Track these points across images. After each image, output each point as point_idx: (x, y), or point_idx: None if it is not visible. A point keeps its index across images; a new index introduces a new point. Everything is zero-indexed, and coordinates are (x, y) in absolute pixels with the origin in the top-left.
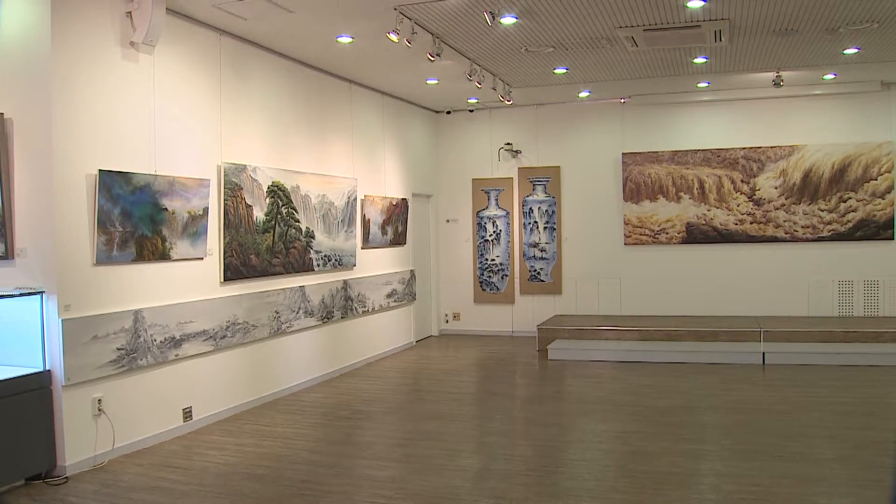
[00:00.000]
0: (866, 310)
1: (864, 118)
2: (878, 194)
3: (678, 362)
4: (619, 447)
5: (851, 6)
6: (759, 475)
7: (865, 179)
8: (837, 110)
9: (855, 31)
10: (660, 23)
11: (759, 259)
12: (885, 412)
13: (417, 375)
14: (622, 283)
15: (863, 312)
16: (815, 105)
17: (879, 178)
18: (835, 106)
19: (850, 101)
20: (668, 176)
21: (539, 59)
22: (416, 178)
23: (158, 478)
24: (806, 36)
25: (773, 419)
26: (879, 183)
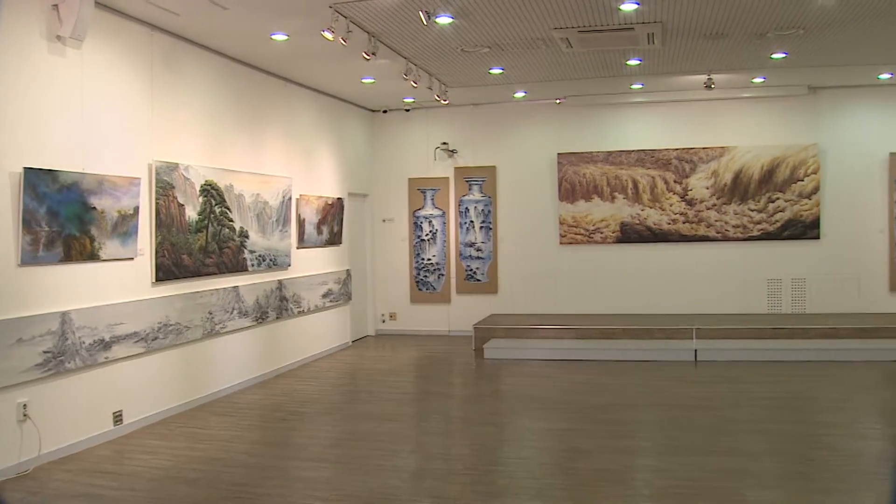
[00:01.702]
0: (794, 307)
1: (792, 121)
2: (805, 195)
3: (613, 360)
4: (555, 445)
5: (779, 12)
6: (691, 470)
7: (793, 180)
8: (766, 113)
9: (782, 36)
10: (594, 25)
11: (691, 258)
12: (812, 406)
13: (354, 376)
14: (557, 283)
15: (791, 309)
16: (745, 108)
17: (806, 179)
18: (764, 109)
19: (779, 105)
20: (602, 176)
21: (475, 60)
22: (352, 177)
23: (87, 484)
24: (736, 40)
25: (705, 415)
26: (806, 184)
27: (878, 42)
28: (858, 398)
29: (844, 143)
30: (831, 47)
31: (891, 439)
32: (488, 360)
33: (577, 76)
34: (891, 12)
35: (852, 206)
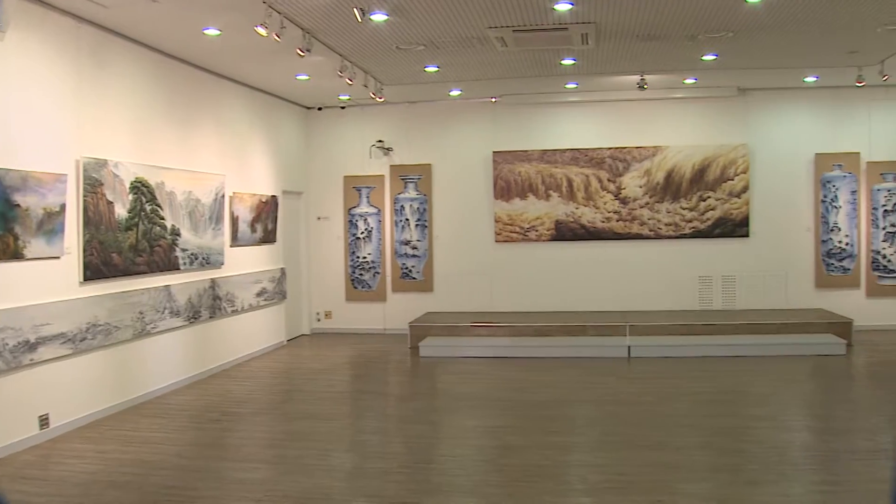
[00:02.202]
0: (725, 303)
1: (723, 121)
2: (735, 194)
3: (548, 357)
4: (490, 442)
5: (709, 15)
6: (623, 464)
7: (723, 179)
8: (698, 113)
9: (713, 38)
10: (529, 24)
11: (624, 256)
12: (742, 400)
13: (289, 375)
14: (493, 280)
15: (721, 306)
16: (677, 108)
17: (736, 178)
18: (695, 109)
19: (710, 105)
20: (537, 174)
21: (410, 57)
22: (286, 175)
23: (12, 490)
24: (668, 42)
25: (638, 410)
26: (736, 183)
27: (804, 46)
28: (785, 391)
29: (773, 144)
30: (760, 50)
31: (816, 431)
32: (424, 359)
33: (512, 75)
34: (813, 20)
35: (780, 204)
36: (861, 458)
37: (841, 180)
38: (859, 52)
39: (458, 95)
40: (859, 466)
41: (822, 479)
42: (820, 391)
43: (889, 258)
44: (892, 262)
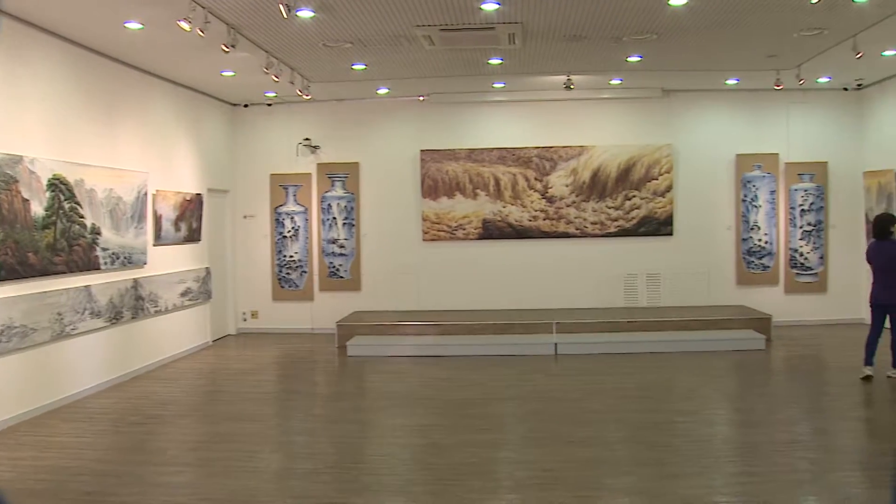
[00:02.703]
0: (649, 300)
1: (647, 122)
2: (659, 193)
3: (476, 355)
4: (418, 440)
5: (634, 18)
6: (550, 460)
7: (648, 179)
8: (623, 114)
9: (638, 40)
10: (456, 23)
11: (551, 254)
12: (665, 395)
13: (214, 376)
14: (421, 279)
15: (646, 303)
16: (603, 108)
17: (660, 177)
18: (621, 109)
19: (635, 106)
20: (465, 173)
21: (337, 55)
22: (211, 172)
23: None
24: (594, 43)
25: (564, 407)
26: (660, 182)
27: (725, 50)
28: (708, 386)
29: (695, 144)
30: (683, 52)
31: (736, 424)
32: (351, 358)
33: (440, 74)
34: (733, 24)
35: (702, 204)
36: (779, 450)
37: (760, 180)
38: (778, 56)
39: (385, 94)
40: (777, 457)
41: (742, 470)
42: (740, 385)
43: (806, 256)
44: (809, 260)
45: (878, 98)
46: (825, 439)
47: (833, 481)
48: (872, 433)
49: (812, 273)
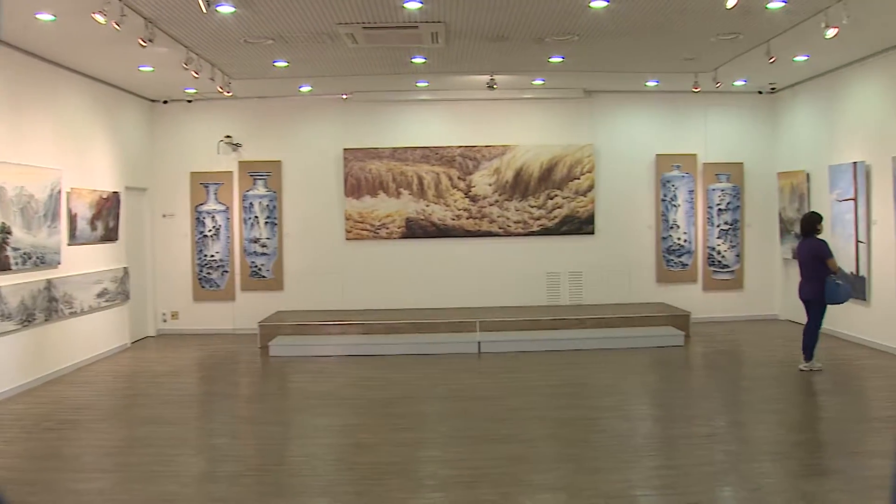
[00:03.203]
0: (572, 298)
1: (569, 122)
2: (581, 192)
3: (400, 354)
4: (341, 440)
5: (556, 19)
6: (473, 458)
7: (570, 178)
8: (546, 114)
9: (559, 41)
10: (379, 21)
11: (475, 253)
12: (587, 392)
13: (132, 379)
14: (344, 278)
15: (569, 301)
16: (525, 108)
17: (582, 177)
18: (543, 109)
19: (557, 106)
20: (388, 172)
21: (259, 51)
22: (129, 170)
23: None
24: (516, 43)
25: (488, 405)
26: (582, 182)
27: (645, 52)
28: (628, 382)
29: (617, 144)
30: (604, 54)
31: (656, 419)
32: (274, 358)
33: (363, 72)
34: (652, 27)
35: (623, 203)
36: (696, 443)
37: (679, 180)
38: (695, 59)
39: (308, 91)
40: (695, 451)
41: (661, 464)
42: (660, 381)
43: (723, 254)
44: (726, 258)
45: (791, 101)
46: (741, 432)
47: (748, 472)
48: (786, 425)
49: (729, 271)
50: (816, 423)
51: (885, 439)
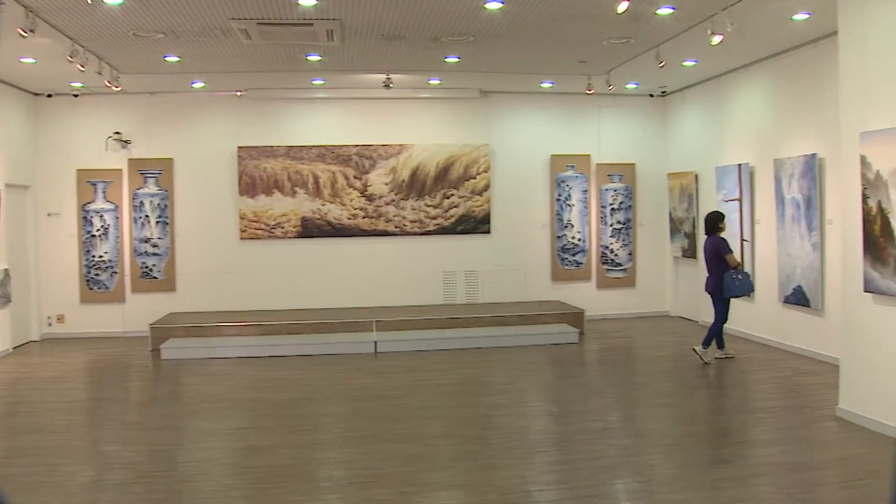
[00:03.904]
0: (468, 297)
1: (466, 122)
2: (477, 192)
3: (297, 355)
4: (235, 444)
5: (451, 19)
6: (369, 459)
7: (466, 178)
8: (442, 113)
9: (455, 41)
10: (273, 18)
11: (371, 252)
12: (483, 390)
13: (14, 386)
14: (239, 278)
15: (465, 300)
16: (422, 107)
17: (478, 176)
18: (440, 109)
19: (454, 106)
20: (283, 171)
21: (149, 45)
22: (10, 166)
23: None
24: (412, 42)
25: (384, 404)
26: (478, 181)
27: (539, 54)
28: (524, 379)
29: (512, 144)
30: (499, 55)
31: (550, 415)
32: (166, 361)
33: (258, 69)
34: (546, 30)
35: (519, 202)
36: (589, 438)
37: (574, 180)
38: (588, 62)
39: (201, 88)
40: (587, 446)
41: (555, 459)
42: (554, 377)
43: (616, 253)
44: (619, 257)
45: (680, 104)
46: (633, 426)
47: (639, 464)
48: (676, 418)
49: (622, 269)
50: (704, 416)
51: (767, 428)
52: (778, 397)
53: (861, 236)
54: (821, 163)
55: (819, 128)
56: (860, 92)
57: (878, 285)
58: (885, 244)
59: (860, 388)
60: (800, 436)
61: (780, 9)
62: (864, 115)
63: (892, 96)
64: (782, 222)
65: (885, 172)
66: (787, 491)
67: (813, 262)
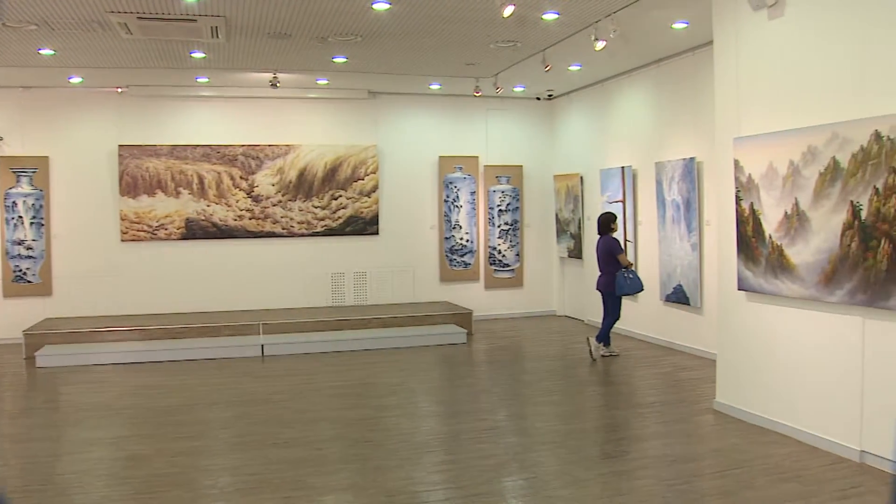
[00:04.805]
0: (357, 299)
1: (354, 122)
2: (365, 193)
3: (182, 360)
4: (115, 454)
5: (338, 18)
6: (256, 464)
7: (354, 179)
8: (330, 114)
9: (342, 41)
10: (154, 12)
11: (258, 254)
12: (372, 391)
13: None
14: (121, 282)
15: (354, 301)
16: (310, 107)
17: (366, 177)
18: (328, 109)
19: (342, 106)
20: (167, 171)
21: (21, 37)
22: None
23: None
24: (299, 41)
25: (271, 408)
26: (366, 182)
27: (427, 55)
28: (412, 380)
29: (400, 146)
30: (387, 56)
31: (438, 415)
32: (42, 369)
33: (140, 65)
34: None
35: (407, 203)
36: (477, 437)
37: (462, 181)
38: (476, 64)
39: (79, 83)
40: (475, 445)
41: (443, 459)
42: (443, 378)
43: (504, 253)
44: (507, 257)
45: (566, 108)
46: (520, 424)
47: (526, 462)
48: (562, 415)
49: (509, 269)
50: (589, 412)
51: (649, 423)
52: (660, 393)
53: (735, 237)
54: (699, 166)
55: (697, 133)
56: (733, 100)
57: (750, 283)
58: (757, 244)
59: (735, 382)
60: (680, 429)
61: (660, 17)
62: (738, 121)
63: (762, 105)
64: (663, 223)
65: (756, 176)
66: (667, 482)
67: (692, 262)
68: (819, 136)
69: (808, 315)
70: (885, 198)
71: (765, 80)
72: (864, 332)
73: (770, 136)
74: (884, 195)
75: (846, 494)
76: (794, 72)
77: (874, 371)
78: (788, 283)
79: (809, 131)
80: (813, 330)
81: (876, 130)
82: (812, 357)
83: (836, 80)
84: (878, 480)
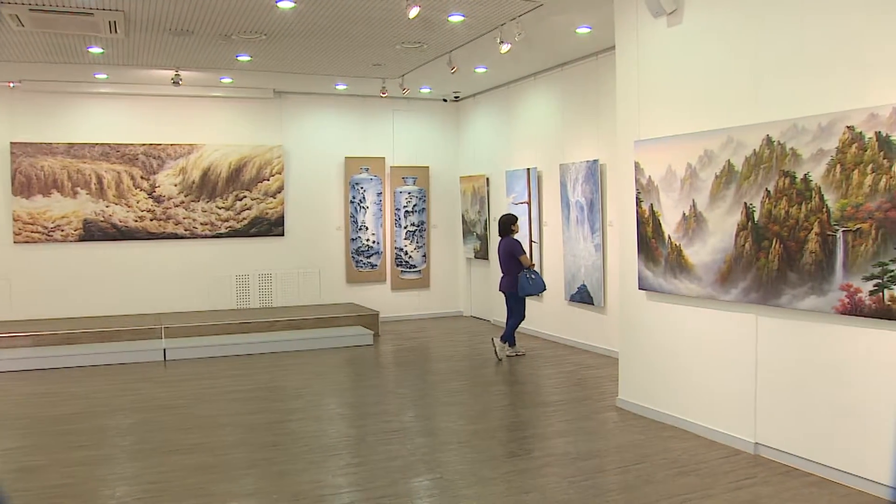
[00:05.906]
0: (262, 301)
1: (259, 122)
2: (271, 194)
3: (78, 366)
4: (4, 466)
5: (242, 16)
6: (155, 472)
7: (259, 179)
8: (235, 113)
9: (246, 39)
10: (48, 4)
11: (159, 256)
12: (277, 395)
13: None
14: (13, 285)
15: (259, 304)
16: (214, 106)
17: (272, 178)
18: (233, 109)
19: (247, 106)
20: (63, 170)
21: None
22: None
23: None
24: (202, 39)
25: (172, 414)
26: (272, 183)
27: (333, 55)
28: (318, 383)
29: (306, 146)
30: (292, 55)
31: (344, 418)
32: None
33: (33, 59)
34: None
35: (313, 204)
36: (383, 439)
37: (368, 182)
38: (382, 65)
39: None
40: (381, 446)
41: (347, 462)
42: (349, 380)
43: (410, 254)
44: (413, 258)
45: (473, 109)
46: (427, 425)
47: (432, 462)
48: (468, 415)
49: (416, 270)
50: (495, 411)
51: (554, 421)
52: (564, 391)
53: (636, 237)
54: (602, 168)
55: (600, 135)
56: (634, 103)
57: (650, 283)
58: (657, 244)
59: (636, 380)
60: (583, 426)
61: (564, 21)
62: (638, 124)
63: (661, 109)
64: (567, 224)
65: (655, 178)
66: (569, 479)
67: (596, 262)
68: (715, 140)
69: (706, 313)
70: (776, 200)
71: (664, 84)
72: (758, 329)
73: (669, 139)
74: (775, 197)
75: (741, 485)
76: (691, 77)
77: (767, 366)
78: (687, 283)
79: (706, 135)
80: (710, 327)
81: (768, 135)
82: (709, 354)
83: (731, 86)
84: (771, 471)
